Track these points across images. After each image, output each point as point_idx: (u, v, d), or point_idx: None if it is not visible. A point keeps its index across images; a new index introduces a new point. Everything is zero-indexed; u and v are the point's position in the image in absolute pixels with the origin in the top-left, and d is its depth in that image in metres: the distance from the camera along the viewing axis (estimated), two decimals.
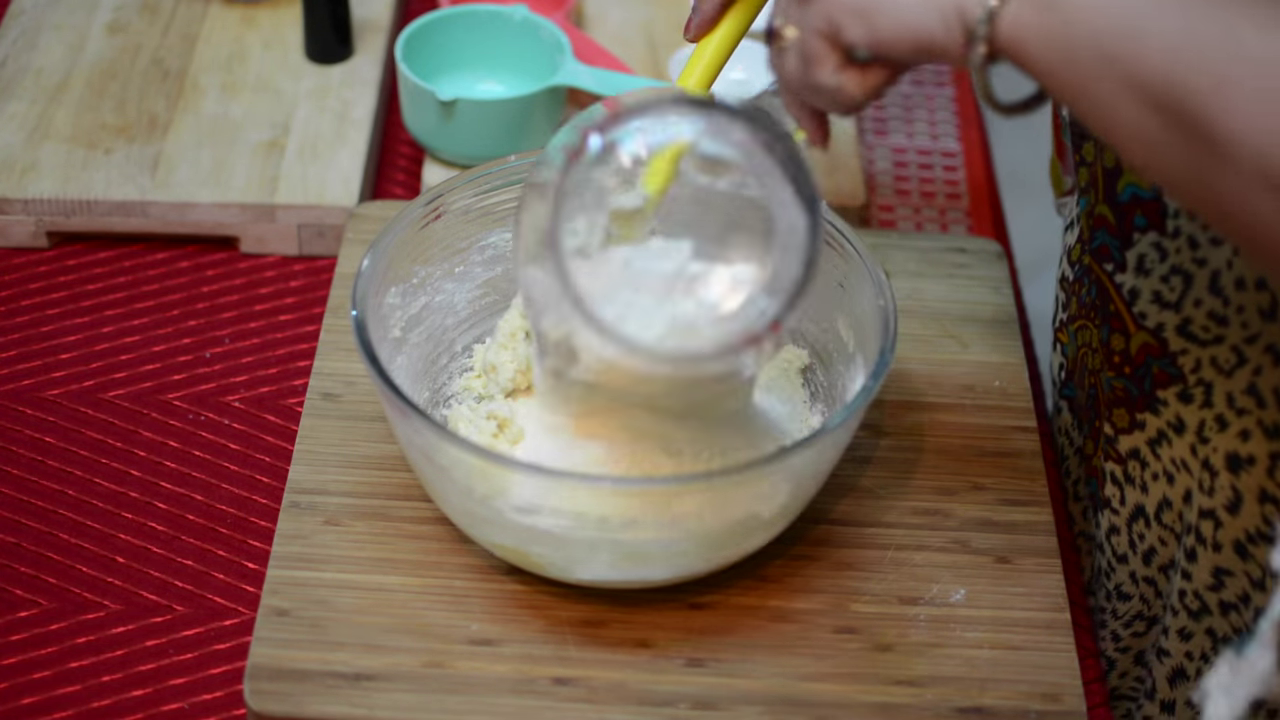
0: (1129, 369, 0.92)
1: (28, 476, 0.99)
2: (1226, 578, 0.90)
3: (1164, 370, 0.90)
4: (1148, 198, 0.88)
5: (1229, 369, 0.87)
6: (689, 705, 0.84)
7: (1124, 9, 0.68)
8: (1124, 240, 0.90)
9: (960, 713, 0.84)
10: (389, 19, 1.28)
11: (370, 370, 0.85)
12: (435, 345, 0.96)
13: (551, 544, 0.83)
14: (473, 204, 0.96)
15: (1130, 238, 0.90)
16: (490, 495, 0.83)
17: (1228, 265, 0.85)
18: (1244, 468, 0.87)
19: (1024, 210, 1.94)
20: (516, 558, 0.87)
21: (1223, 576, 0.90)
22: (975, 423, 0.98)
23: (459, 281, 0.97)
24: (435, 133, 1.15)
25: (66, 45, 1.23)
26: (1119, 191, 0.90)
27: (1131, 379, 0.92)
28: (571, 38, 1.19)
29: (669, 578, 0.87)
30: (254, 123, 1.18)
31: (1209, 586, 0.91)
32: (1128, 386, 0.92)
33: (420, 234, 0.94)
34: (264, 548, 0.95)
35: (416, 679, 0.84)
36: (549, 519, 0.82)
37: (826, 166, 1.18)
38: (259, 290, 1.12)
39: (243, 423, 1.03)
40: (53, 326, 1.08)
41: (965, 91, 1.32)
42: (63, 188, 1.12)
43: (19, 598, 0.93)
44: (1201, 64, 0.65)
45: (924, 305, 1.04)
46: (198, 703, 0.89)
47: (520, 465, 0.83)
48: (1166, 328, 0.88)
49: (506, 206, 0.96)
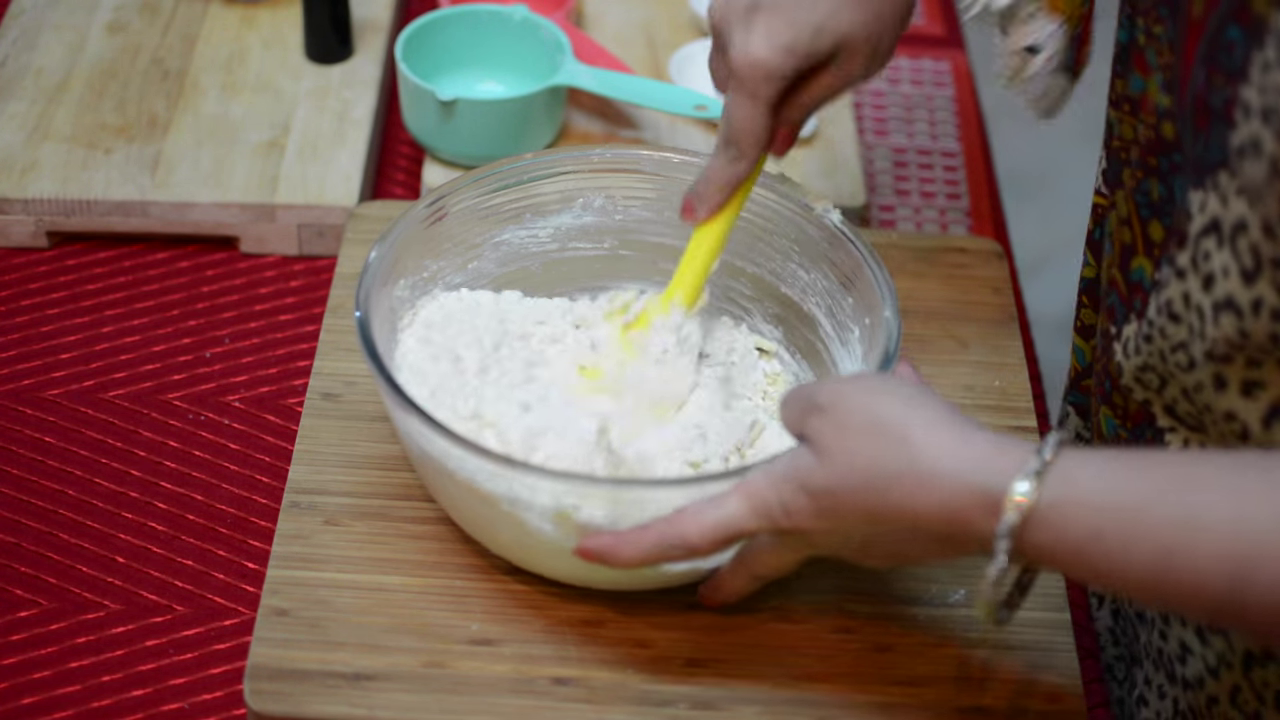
0: (1129, 424, 0.90)
1: (28, 476, 0.99)
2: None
3: (1155, 440, 0.87)
4: (1149, 289, 0.85)
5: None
6: (689, 705, 0.84)
7: (1181, 499, 0.68)
8: (1125, 315, 0.87)
9: (960, 713, 0.84)
10: (389, 19, 1.28)
11: (375, 373, 0.85)
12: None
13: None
14: (479, 204, 0.96)
15: (1129, 316, 0.87)
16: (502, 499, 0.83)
17: (1196, 389, 0.81)
18: None
19: (1024, 210, 1.94)
20: (533, 561, 0.87)
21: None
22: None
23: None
24: (435, 133, 1.15)
25: (66, 45, 1.23)
26: (1131, 270, 0.88)
27: (1132, 433, 0.90)
28: (571, 38, 1.19)
29: (676, 578, 0.87)
30: (254, 123, 1.18)
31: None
32: (1129, 440, 0.90)
33: (427, 231, 0.94)
34: (264, 548, 0.95)
35: (416, 679, 0.84)
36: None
37: (826, 166, 1.18)
38: (259, 290, 1.12)
39: (243, 423, 1.03)
40: (53, 326, 1.08)
41: (965, 91, 1.32)
42: (63, 188, 1.12)
43: (19, 598, 0.93)
44: (1263, 548, 0.66)
45: (924, 305, 1.04)
46: (198, 703, 0.89)
47: (543, 471, 0.83)
48: (1154, 405, 0.86)
49: (513, 205, 0.97)
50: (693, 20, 1.29)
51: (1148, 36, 0.84)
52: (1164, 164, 0.84)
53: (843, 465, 0.75)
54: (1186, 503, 0.68)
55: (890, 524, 0.75)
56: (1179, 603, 0.69)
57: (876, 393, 0.77)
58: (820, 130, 1.20)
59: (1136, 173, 0.86)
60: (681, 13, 1.30)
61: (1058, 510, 0.70)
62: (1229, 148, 0.73)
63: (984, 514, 0.71)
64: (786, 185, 0.96)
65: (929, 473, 0.72)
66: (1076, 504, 0.70)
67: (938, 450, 0.73)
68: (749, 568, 0.83)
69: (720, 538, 0.78)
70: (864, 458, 0.74)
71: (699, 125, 1.20)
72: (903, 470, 0.73)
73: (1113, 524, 0.69)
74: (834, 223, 0.93)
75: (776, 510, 0.77)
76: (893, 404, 0.75)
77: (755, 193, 0.95)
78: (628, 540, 0.80)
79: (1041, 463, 0.70)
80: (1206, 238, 0.76)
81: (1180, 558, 0.67)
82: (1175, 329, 0.79)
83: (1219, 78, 0.74)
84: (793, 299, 0.97)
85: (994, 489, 0.71)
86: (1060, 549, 0.70)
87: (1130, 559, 0.68)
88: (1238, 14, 0.72)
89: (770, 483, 0.77)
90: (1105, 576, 0.70)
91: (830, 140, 1.20)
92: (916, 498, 0.73)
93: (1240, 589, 0.66)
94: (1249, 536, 0.66)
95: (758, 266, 0.98)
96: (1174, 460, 0.73)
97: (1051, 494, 0.70)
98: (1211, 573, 0.66)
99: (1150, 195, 0.85)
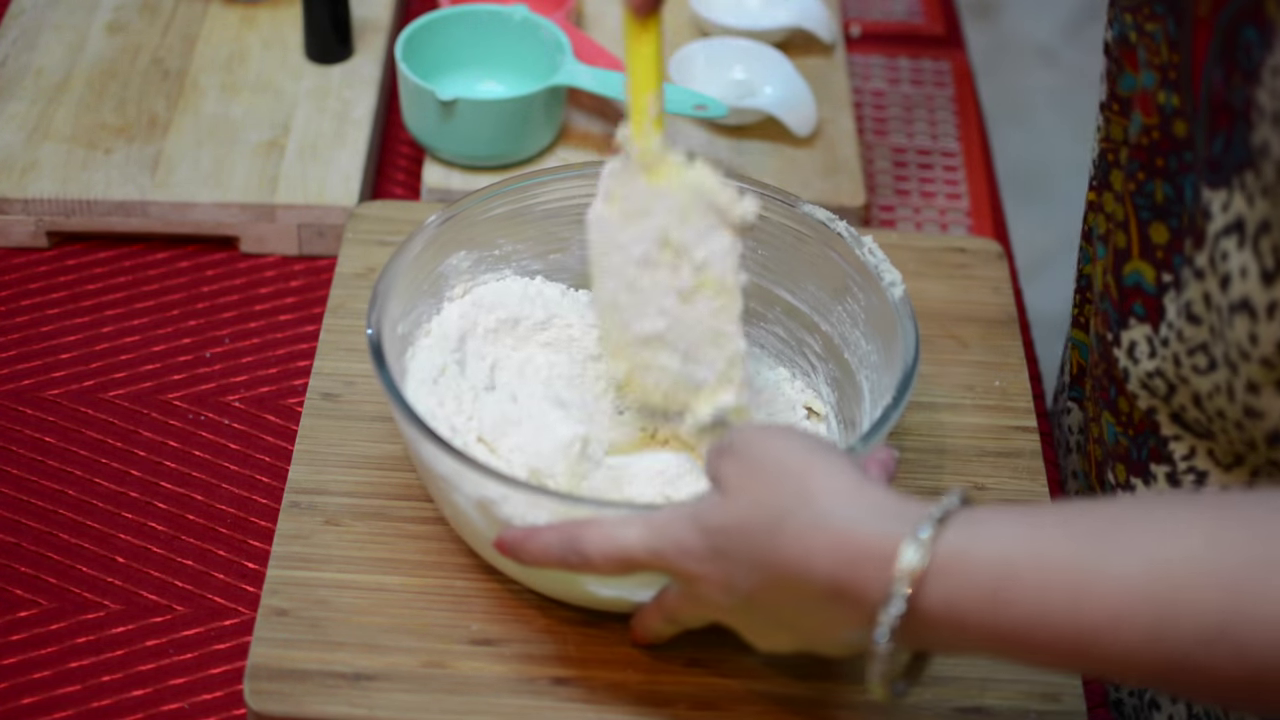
0: (1131, 431, 0.88)
1: (28, 476, 0.99)
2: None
3: (1158, 449, 0.86)
4: (1150, 292, 0.85)
5: (1226, 464, 0.83)
6: (689, 705, 0.84)
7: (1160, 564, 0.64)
8: (1121, 320, 0.86)
9: (960, 713, 0.84)
10: (389, 19, 1.28)
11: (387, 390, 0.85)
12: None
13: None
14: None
15: (1126, 321, 0.86)
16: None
17: (1210, 394, 0.81)
18: None
19: (1024, 210, 1.94)
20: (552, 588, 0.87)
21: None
22: (975, 423, 0.98)
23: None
24: (435, 133, 1.15)
25: (66, 45, 1.23)
26: (1124, 275, 0.86)
27: (1133, 441, 0.89)
28: (571, 38, 1.19)
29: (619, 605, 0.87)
30: (254, 123, 1.18)
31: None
32: (1130, 446, 0.89)
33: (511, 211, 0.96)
34: (264, 548, 0.95)
35: (416, 679, 0.84)
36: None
37: (826, 166, 1.18)
38: (259, 290, 1.12)
39: (243, 423, 1.03)
40: (53, 326, 1.08)
41: (965, 91, 1.32)
42: (63, 188, 1.12)
43: (19, 598, 0.93)
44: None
45: (924, 305, 1.04)
46: (198, 703, 0.89)
47: (565, 497, 0.83)
48: (1159, 413, 0.85)
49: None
50: (693, 20, 1.29)
51: (1139, 34, 0.84)
52: (1173, 163, 0.83)
53: (740, 503, 0.73)
54: (1107, 543, 0.64)
55: (778, 573, 0.71)
56: (1099, 660, 0.65)
57: (784, 437, 0.75)
58: (820, 130, 1.20)
59: (1138, 174, 0.86)
60: (681, 13, 1.30)
61: (962, 556, 0.67)
62: (1252, 147, 0.73)
63: (879, 561, 0.68)
64: (871, 253, 0.92)
65: (823, 514, 0.70)
66: (985, 546, 0.66)
67: (835, 493, 0.71)
68: (662, 608, 0.81)
69: (613, 559, 0.77)
70: (761, 496, 0.72)
71: (699, 125, 1.20)
72: (796, 509, 0.71)
73: (1027, 566, 0.65)
74: (895, 299, 0.90)
75: (669, 547, 0.75)
76: (796, 449, 0.74)
77: (837, 251, 0.93)
78: (533, 537, 0.79)
79: (944, 510, 0.68)
80: (1227, 238, 0.75)
81: (1095, 601, 0.64)
82: (1195, 331, 0.79)
83: (1237, 77, 0.73)
84: (851, 366, 0.94)
85: (891, 533, 0.68)
86: (968, 600, 0.66)
87: (1047, 605, 0.65)
88: (1253, 15, 0.72)
89: (671, 519, 0.76)
90: (1020, 633, 0.66)
91: (830, 140, 1.20)
92: (807, 539, 0.70)
93: (1160, 634, 0.63)
94: (1170, 578, 0.63)
95: (831, 327, 0.96)
96: (1087, 506, 0.69)
97: (956, 538, 0.67)
98: (1131, 616, 0.63)
99: (1154, 197, 0.85)
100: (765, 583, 0.72)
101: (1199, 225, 0.78)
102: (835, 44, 1.29)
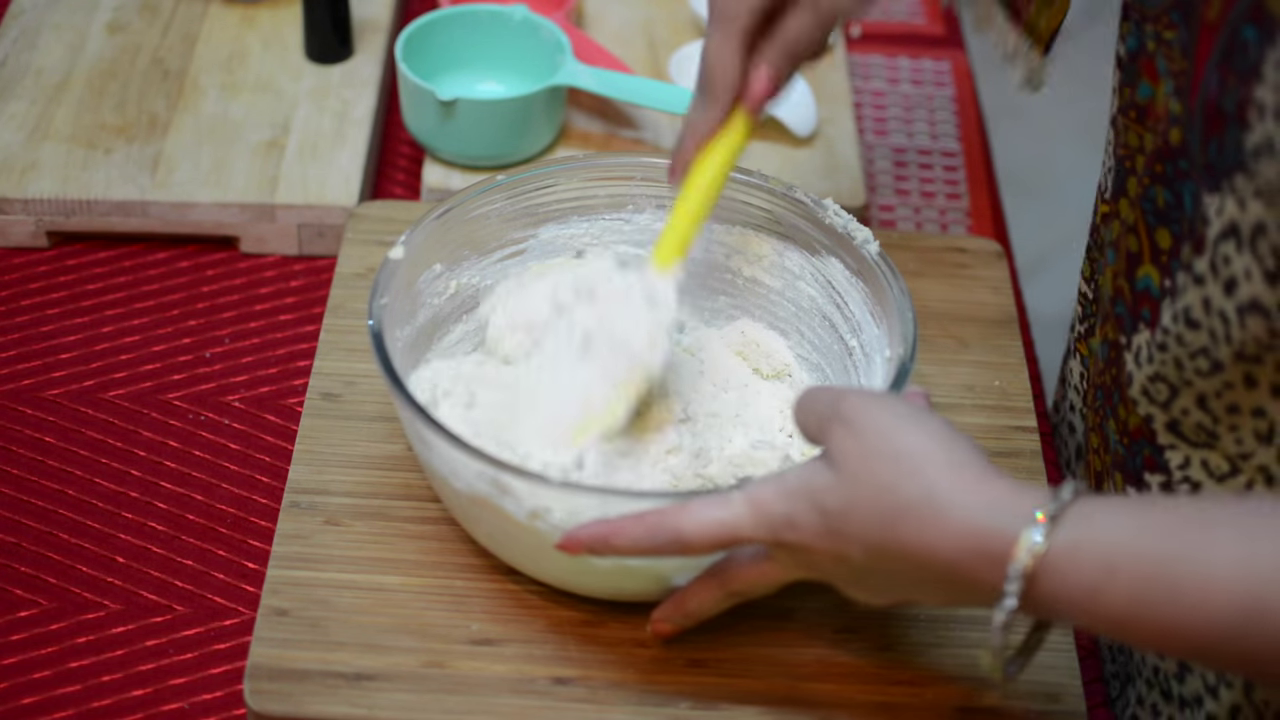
0: (1127, 440, 0.89)
1: (28, 476, 0.99)
2: None
3: (1153, 457, 0.87)
4: (1155, 297, 0.85)
5: (1220, 476, 0.84)
6: (689, 705, 0.84)
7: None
8: (1133, 324, 0.87)
9: (960, 713, 0.84)
10: (389, 19, 1.28)
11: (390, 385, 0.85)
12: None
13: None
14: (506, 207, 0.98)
15: (1137, 325, 0.86)
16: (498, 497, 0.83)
17: (1219, 393, 0.81)
18: None
19: (1024, 210, 1.94)
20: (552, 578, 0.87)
21: None
22: (975, 423, 0.98)
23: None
24: (435, 133, 1.15)
25: (66, 45, 1.23)
26: (1137, 279, 0.87)
27: (1128, 449, 0.89)
28: (571, 38, 1.19)
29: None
30: (254, 123, 1.18)
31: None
32: (1125, 456, 0.89)
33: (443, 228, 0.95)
34: (264, 548, 0.95)
35: (416, 679, 0.84)
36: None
37: (826, 166, 1.18)
38: (259, 290, 1.12)
39: (243, 423, 1.03)
40: (53, 326, 1.08)
41: (965, 91, 1.32)
42: (63, 188, 1.12)
43: (19, 598, 0.93)
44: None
45: (924, 305, 1.04)
46: (198, 703, 0.89)
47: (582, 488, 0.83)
48: (1155, 421, 0.85)
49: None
50: (693, 20, 1.29)
51: (1158, 42, 0.84)
52: (1170, 170, 0.83)
53: (861, 490, 0.74)
54: (1199, 541, 0.67)
55: (894, 556, 0.73)
56: (1189, 646, 0.68)
57: (903, 419, 0.75)
58: (820, 130, 1.20)
59: (1144, 180, 0.86)
60: (681, 13, 1.30)
61: (1071, 554, 0.69)
62: (1244, 150, 0.73)
63: (996, 556, 0.70)
64: (837, 215, 0.95)
65: (944, 507, 0.71)
66: (1091, 544, 0.69)
67: (955, 487, 0.72)
68: (724, 583, 0.81)
69: (717, 538, 0.77)
70: (884, 482, 0.73)
71: None
72: (918, 501, 0.72)
73: (1127, 564, 0.68)
74: (872, 255, 0.92)
75: (781, 522, 0.75)
76: (917, 435, 0.74)
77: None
78: (619, 529, 0.78)
79: (1058, 506, 0.70)
80: (1225, 242, 0.75)
81: (1192, 596, 0.66)
82: (1194, 335, 0.79)
83: (1232, 79, 0.73)
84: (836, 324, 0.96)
85: (1008, 531, 0.70)
86: (1073, 593, 0.69)
87: (1143, 599, 0.67)
88: (1253, 14, 0.72)
89: (780, 495, 0.76)
90: (1116, 621, 0.69)
91: (830, 140, 1.20)
92: (927, 532, 0.72)
93: (1249, 629, 0.65)
94: (1260, 574, 0.65)
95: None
96: (1185, 503, 0.72)
97: (1066, 537, 0.69)
98: (1222, 611, 0.66)
99: (1156, 202, 0.85)
100: (882, 559, 0.74)
101: (1199, 231, 0.78)
102: (835, 44, 1.29)
